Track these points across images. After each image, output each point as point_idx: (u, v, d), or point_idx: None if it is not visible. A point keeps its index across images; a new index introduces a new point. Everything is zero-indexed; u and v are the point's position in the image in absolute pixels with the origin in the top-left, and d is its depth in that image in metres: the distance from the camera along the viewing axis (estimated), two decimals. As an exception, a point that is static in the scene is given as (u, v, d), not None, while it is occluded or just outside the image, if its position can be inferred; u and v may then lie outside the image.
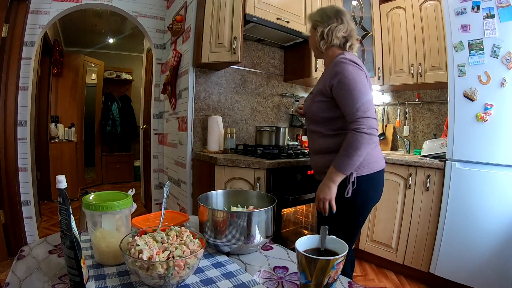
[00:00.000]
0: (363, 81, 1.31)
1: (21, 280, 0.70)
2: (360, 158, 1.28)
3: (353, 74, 1.30)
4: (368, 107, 1.27)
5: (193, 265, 0.67)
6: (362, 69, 1.35)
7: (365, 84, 1.31)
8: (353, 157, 1.27)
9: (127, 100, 5.99)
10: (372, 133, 1.26)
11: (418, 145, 2.91)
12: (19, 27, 2.44)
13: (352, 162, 1.28)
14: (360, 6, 2.89)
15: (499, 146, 1.89)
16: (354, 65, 1.33)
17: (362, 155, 1.28)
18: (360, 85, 1.29)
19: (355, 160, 1.28)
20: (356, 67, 1.33)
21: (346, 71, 1.31)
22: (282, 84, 2.98)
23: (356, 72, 1.31)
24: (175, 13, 2.90)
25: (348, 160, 1.28)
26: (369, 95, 1.31)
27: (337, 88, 1.32)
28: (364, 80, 1.32)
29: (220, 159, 2.00)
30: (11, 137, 2.45)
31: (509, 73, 1.83)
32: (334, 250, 0.69)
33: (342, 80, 1.31)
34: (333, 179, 1.32)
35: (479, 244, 1.94)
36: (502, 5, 1.84)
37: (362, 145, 1.25)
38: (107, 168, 5.66)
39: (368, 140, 1.26)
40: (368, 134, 1.25)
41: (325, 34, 1.42)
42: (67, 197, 0.64)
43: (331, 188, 1.33)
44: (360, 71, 1.33)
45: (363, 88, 1.29)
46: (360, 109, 1.26)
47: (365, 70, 1.38)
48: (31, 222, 2.63)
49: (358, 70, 1.32)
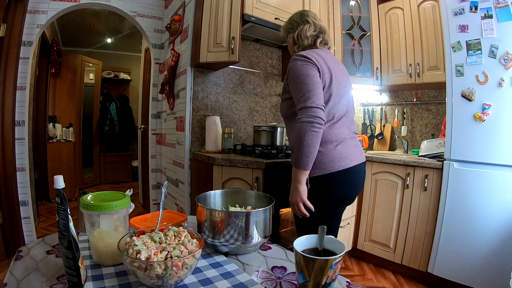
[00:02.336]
0: (307, 73, 1.30)
1: (19, 281, 0.69)
2: (310, 147, 1.24)
3: (299, 68, 1.32)
4: (309, 96, 1.25)
5: (191, 265, 0.67)
6: (312, 62, 1.33)
7: (308, 75, 1.30)
8: (302, 149, 1.25)
9: (125, 100, 5.98)
10: (313, 120, 1.23)
11: (416, 145, 2.91)
12: (17, 27, 2.43)
13: (304, 154, 1.25)
14: (358, 6, 2.90)
15: (497, 146, 1.89)
16: (302, 59, 1.34)
17: (310, 144, 1.24)
18: (303, 77, 1.30)
19: (306, 151, 1.24)
20: (305, 61, 1.33)
21: (293, 67, 1.35)
22: (280, 84, 2.98)
23: (302, 65, 1.32)
24: (173, 13, 2.89)
25: (299, 153, 1.26)
26: (312, 85, 1.28)
27: (290, 84, 1.37)
28: (309, 71, 1.31)
29: (218, 159, 2.00)
30: (9, 137, 2.45)
31: (507, 73, 1.84)
32: (332, 250, 0.69)
33: (290, 75, 1.36)
34: (296, 178, 1.30)
35: (477, 244, 1.95)
36: (500, 5, 1.84)
37: (305, 134, 1.23)
38: (105, 168, 5.64)
39: (309, 128, 1.23)
40: (308, 122, 1.23)
41: (295, 39, 1.49)
42: (65, 197, 0.64)
43: (298, 188, 1.30)
44: (308, 63, 1.33)
45: (306, 79, 1.29)
46: (301, 99, 1.27)
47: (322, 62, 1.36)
48: (29, 222, 2.63)
49: (305, 64, 1.33)
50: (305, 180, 1.30)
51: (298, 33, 1.47)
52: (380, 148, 3.18)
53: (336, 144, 1.36)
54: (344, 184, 1.39)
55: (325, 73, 1.35)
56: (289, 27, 1.53)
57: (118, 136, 5.78)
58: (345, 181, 1.39)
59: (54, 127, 4.37)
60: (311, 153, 1.25)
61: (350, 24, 2.90)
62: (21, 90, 2.54)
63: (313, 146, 1.25)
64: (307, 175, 1.30)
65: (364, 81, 2.93)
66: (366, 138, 3.17)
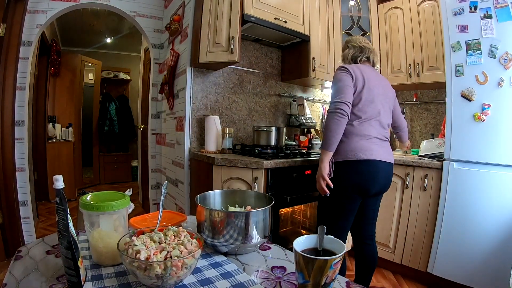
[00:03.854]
0: (341, 78, 1.61)
1: (19, 281, 0.69)
2: (332, 132, 1.53)
3: (337, 75, 1.65)
4: (337, 94, 1.57)
5: (191, 265, 0.67)
6: (347, 70, 1.63)
7: (341, 79, 1.61)
8: (327, 134, 1.55)
9: (124, 100, 5.98)
10: (337, 111, 1.52)
11: (416, 145, 2.91)
12: (17, 27, 2.43)
13: (327, 137, 1.55)
14: (358, 6, 2.90)
15: (497, 146, 1.90)
16: (341, 69, 1.66)
17: (334, 129, 1.53)
18: (337, 81, 1.62)
19: (329, 135, 1.54)
20: (342, 70, 1.65)
21: (334, 75, 1.68)
22: (279, 84, 2.98)
23: (339, 73, 1.65)
24: (172, 12, 2.89)
25: (325, 137, 1.57)
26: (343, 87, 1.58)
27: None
28: (343, 77, 1.61)
29: (218, 159, 2.00)
30: (8, 137, 2.44)
31: (507, 73, 1.84)
32: (332, 250, 0.69)
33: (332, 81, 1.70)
34: (321, 158, 1.59)
35: (477, 244, 1.95)
36: (500, 5, 1.84)
37: (330, 121, 1.54)
38: (104, 168, 5.64)
39: (332, 116, 1.53)
40: (333, 112, 1.54)
41: (343, 59, 1.86)
42: (65, 197, 0.64)
43: (320, 167, 1.59)
44: (344, 72, 1.64)
45: (338, 83, 1.61)
46: (332, 96, 1.61)
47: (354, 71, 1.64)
48: (29, 222, 2.63)
49: (341, 72, 1.65)
50: (328, 160, 1.58)
51: (344, 55, 1.83)
52: (379, 148, 3.17)
53: (361, 138, 1.60)
54: (360, 173, 1.59)
55: (359, 81, 1.62)
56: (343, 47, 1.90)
57: (117, 136, 5.79)
58: (361, 171, 1.59)
59: (53, 127, 4.36)
60: (333, 137, 1.54)
61: (350, 24, 2.90)
62: (20, 90, 2.54)
63: (335, 132, 1.53)
64: (329, 156, 1.58)
65: (363, 81, 2.92)
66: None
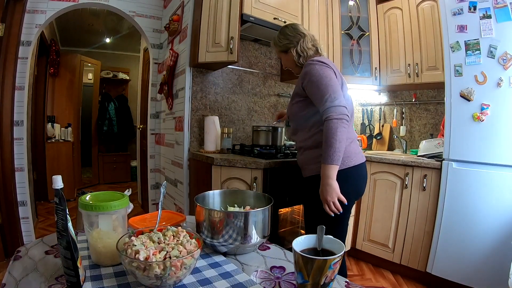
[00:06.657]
0: (329, 75, 1.39)
1: (18, 281, 0.69)
2: (340, 143, 1.31)
3: (319, 71, 1.40)
4: (336, 97, 1.34)
5: (190, 265, 0.67)
6: (330, 66, 1.43)
7: (331, 77, 1.39)
8: (334, 144, 1.30)
9: (123, 100, 5.97)
10: (342, 117, 1.31)
11: (415, 145, 2.92)
12: (16, 27, 2.42)
13: (335, 150, 1.31)
14: (357, 6, 2.90)
15: (496, 146, 1.90)
16: (321, 64, 1.43)
17: (342, 139, 1.31)
18: (326, 79, 1.38)
19: (337, 147, 1.30)
20: (323, 65, 1.42)
21: (313, 70, 1.42)
22: (279, 84, 2.98)
23: (322, 69, 1.41)
24: (172, 12, 2.89)
25: (331, 149, 1.31)
26: (336, 87, 1.37)
27: (308, 87, 1.43)
28: (330, 74, 1.40)
29: (217, 159, 2.00)
30: (7, 137, 2.44)
31: (506, 73, 1.85)
32: (331, 250, 0.69)
33: (310, 78, 1.41)
34: (328, 175, 1.33)
35: (476, 243, 1.96)
36: (499, 5, 1.85)
37: (337, 130, 1.30)
38: (103, 168, 5.63)
39: (340, 124, 1.31)
40: (338, 119, 1.31)
41: (300, 51, 1.56)
42: (64, 197, 0.64)
43: (332, 184, 1.33)
44: (327, 68, 1.42)
45: (329, 81, 1.37)
46: (328, 99, 1.34)
47: (334, 67, 1.47)
48: (28, 222, 2.62)
49: (324, 67, 1.41)
50: (335, 175, 1.33)
51: (301, 46, 1.55)
52: (378, 148, 3.18)
53: (350, 141, 1.46)
54: (357, 178, 1.50)
55: (338, 77, 1.46)
56: (286, 43, 1.58)
57: (116, 136, 5.78)
58: (358, 176, 1.50)
59: (52, 127, 4.36)
60: (343, 148, 1.32)
61: (349, 24, 2.90)
62: (19, 90, 2.54)
63: (344, 142, 1.33)
64: (337, 171, 1.34)
65: (362, 81, 2.93)
66: (365, 138, 3.18)
